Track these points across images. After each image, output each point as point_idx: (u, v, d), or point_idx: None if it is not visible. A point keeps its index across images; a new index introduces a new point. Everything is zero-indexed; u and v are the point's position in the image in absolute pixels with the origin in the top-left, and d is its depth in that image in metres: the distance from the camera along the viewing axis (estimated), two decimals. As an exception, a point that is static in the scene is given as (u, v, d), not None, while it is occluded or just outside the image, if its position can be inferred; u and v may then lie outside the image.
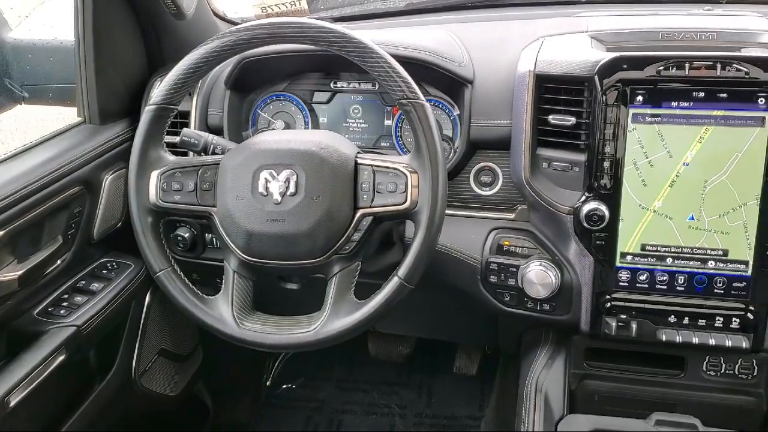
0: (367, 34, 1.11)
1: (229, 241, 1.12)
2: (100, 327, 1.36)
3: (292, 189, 1.07)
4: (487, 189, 1.33)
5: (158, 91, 1.12)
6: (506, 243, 1.29)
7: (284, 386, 2.24)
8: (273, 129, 1.46)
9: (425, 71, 1.29)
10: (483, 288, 1.31)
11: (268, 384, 2.24)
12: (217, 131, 1.42)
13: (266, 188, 1.08)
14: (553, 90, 1.19)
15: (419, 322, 1.79)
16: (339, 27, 1.07)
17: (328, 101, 1.45)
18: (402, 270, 1.08)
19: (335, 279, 1.11)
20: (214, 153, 1.26)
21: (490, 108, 1.29)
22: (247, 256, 1.11)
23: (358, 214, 1.09)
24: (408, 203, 1.07)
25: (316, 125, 1.46)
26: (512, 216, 1.31)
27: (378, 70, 1.06)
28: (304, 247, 1.09)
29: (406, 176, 1.07)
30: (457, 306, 1.58)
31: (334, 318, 1.09)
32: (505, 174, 1.31)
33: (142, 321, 1.57)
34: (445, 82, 1.31)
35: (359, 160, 1.10)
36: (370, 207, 1.09)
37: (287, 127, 1.46)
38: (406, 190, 1.07)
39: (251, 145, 1.12)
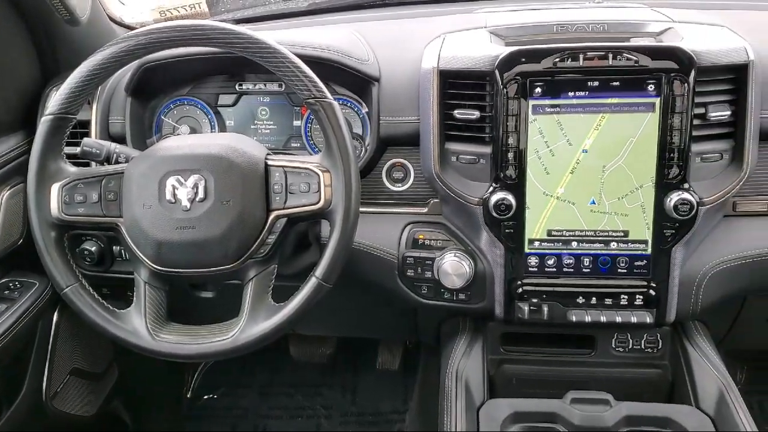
0: (271, 35, 1.10)
1: (138, 252, 1.09)
2: (5, 350, 1.29)
3: (201, 194, 1.05)
4: (400, 185, 1.34)
5: (54, 100, 1.08)
6: (421, 237, 1.31)
7: (205, 397, 2.20)
8: (178, 134, 1.43)
9: (331, 70, 1.29)
10: (401, 282, 1.32)
11: (188, 396, 2.19)
12: (120, 139, 1.38)
13: (174, 195, 1.06)
14: (456, 85, 1.22)
15: (340, 321, 1.79)
16: (241, 28, 1.06)
17: (234, 104, 1.43)
18: (319, 270, 1.08)
19: (251, 284, 1.10)
20: (117, 162, 1.22)
21: (397, 105, 1.30)
22: (158, 266, 1.08)
23: (271, 217, 1.08)
24: (322, 203, 1.07)
25: (222, 129, 1.44)
26: (425, 210, 1.34)
27: (283, 71, 1.06)
28: (217, 253, 1.07)
29: (319, 176, 1.07)
30: (376, 302, 1.60)
31: (252, 323, 1.08)
32: (416, 169, 1.33)
33: (51, 341, 1.50)
34: (352, 80, 1.32)
35: (269, 162, 1.09)
36: (284, 208, 1.08)
37: (193, 131, 1.43)
38: (319, 190, 1.07)
39: (156, 152, 1.09)
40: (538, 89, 1.17)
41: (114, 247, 1.39)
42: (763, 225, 1.27)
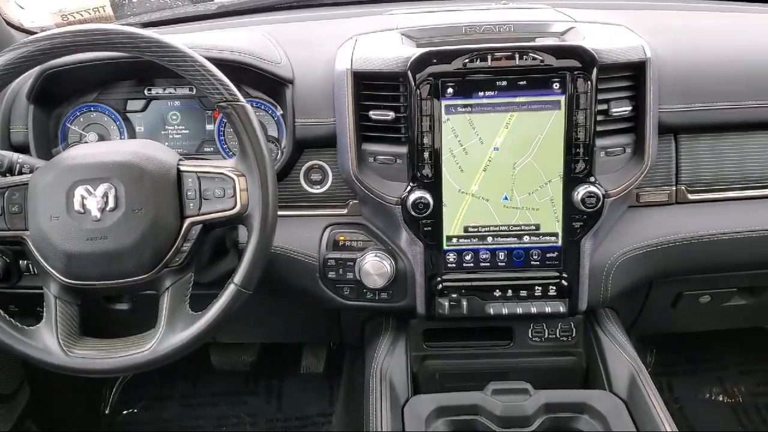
0: (180, 38, 1.08)
1: (46, 266, 1.04)
2: None
3: (111, 204, 1.02)
4: (318, 187, 1.34)
5: None
6: (342, 238, 1.32)
7: (125, 412, 2.13)
8: (86, 142, 1.38)
9: (243, 73, 1.28)
10: (322, 285, 1.32)
11: (107, 412, 2.11)
12: (23, 149, 1.32)
13: (83, 205, 1.02)
14: (371, 86, 1.23)
15: (261, 327, 1.78)
16: (148, 32, 1.04)
17: (144, 109, 1.40)
18: (238, 276, 1.06)
19: (168, 293, 1.07)
20: (21, 173, 1.16)
21: (313, 107, 1.30)
22: (69, 279, 1.04)
23: (186, 224, 1.06)
24: (238, 207, 1.05)
25: (132, 135, 1.39)
26: (345, 211, 1.34)
27: (193, 74, 1.04)
28: (131, 263, 1.04)
29: (234, 180, 1.05)
30: (297, 306, 1.59)
31: (170, 334, 1.06)
32: (334, 171, 1.33)
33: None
34: (265, 82, 1.31)
35: (182, 167, 1.07)
36: (198, 215, 1.06)
37: (101, 139, 1.38)
38: (234, 195, 1.05)
39: (62, 161, 1.05)
40: (450, 89, 1.19)
41: (21, 262, 1.33)
42: (664, 214, 1.34)
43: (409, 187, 1.23)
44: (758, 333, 2.23)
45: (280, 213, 1.11)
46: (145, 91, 1.39)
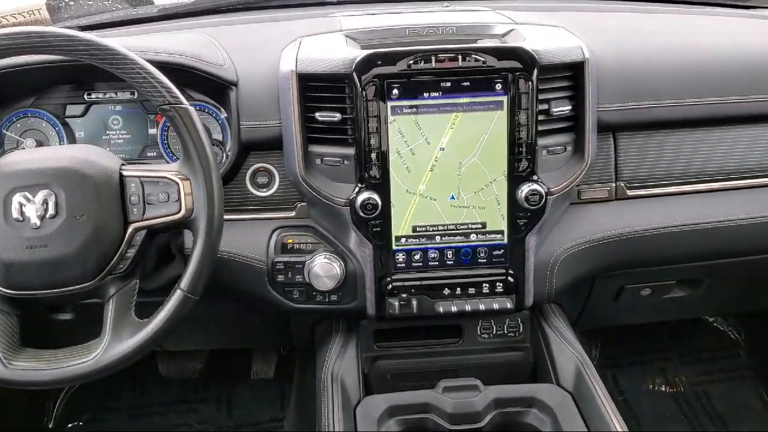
0: (120, 41, 1.06)
1: (-17, 276, 1.01)
2: None
3: (51, 210, 1.00)
4: (265, 190, 1.33)
5: None
6: (290, 241, 1.31)
7: (70, 425, 2.07)
8: (23, 149, 1.34)
9: (186, 75, 1.26)
10: (271, 288, 1.31)
11: (50, 426, 2.05)
12: (-45, 156, 1.27)
13: (21, 213, 0.99)
14: (316, 88, 1.23)
15: (209, 333, 1.75)
16: (86, 34, 1.01)
17: (84, 114, 1.36)
18: (184, 282, 1.05)
19: (112, 301, 1.05)
20: (-47, 181, 1.12)
21: (258, 109, 1.29)
22: (8, 289, 1.01)
23: (129, 229, 1.04)
24: (183, 212, 1.04)
25: (72, 141, 1.36)
26: (293, 214, 1.33)
27: (134, 77, 1.02)
28: (73, 271, 1.02)
29: (178, 184, 1.04)
30: (246, 311, 1.58)
31: (116, 342, 1.03)
32: (281, 173, 1.32)
33: None
34: (208, 85, 1.30)
35: (124, 172, 1.05)
36: (142, 220, 1.04)
37: (39, 145, 1.34)
38: (179, 199, 1.04)
39: (-1, 168, 1.02)
40: (396, 91, 1.20)
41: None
42: (605, 210, 1.38)
43: (357, 189, 1.24)
44: (697, 324, 2.31)
45: (226, 217, 1.10)
46: (85, 96, 1.36)
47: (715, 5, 1.76)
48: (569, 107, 1.26)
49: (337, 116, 1.22)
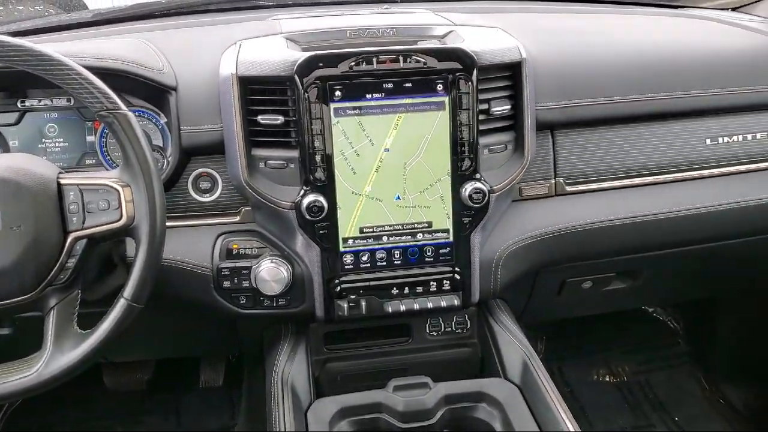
0: (54, 47, 1.04)
1: None
2: None
3: (-14, 222, 0.96)
4: (208, 195, 1.32)
5: None
6: (235, 246, 1.30)
7: (12, 443, 2.00)
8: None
9: (123, 81, 1.23)
10: (217, 295, 1.30)
11: (-10, 445, 1.98)
12: None
13: (-46, 225, 0.96)
14: (258, 91, 1.22)
15: (155, 343, 1.72)
16: (18, 40, 0.99)
17: (17, 122, 1.32)
18: (128, 290, 1.03)
19: (53, 313, 1.02)
20: None
21: (198, 114, 1.27)
22: (-59, 305, 0.97)
23: (69, 239, 1.01)
24: (124, 219, 1.02)
25: (6, 150, 1.31)
26: (237, 219, 1.32)
27: (70, 83, 1.00)
28: (11, 284, 0.99)
29: (118, 191, 1.02)
30: (192, 319, 1.55)
31: (58, 354, 1.01)
32: (224, 178, 1.31)
33: None
34: (147, 90, 1.27)
35: (62, 181, 1.02)
36: (82, 229, 1.02)
37: (-30, 155, 1.30)
38: (119, 206, 1.02)
39: (-72, 179, 0.98)
40: (338, 92, 1.20)
41: None
42: (545, 206, 1.41)
43: (302, 191, 1.23)
44: (637, 314, 2.39)
45: (169, 224, 1.09)
46: (18, 104, 1.31)
47: (646, 5, 1.83)
48: (508, 106, 1.29)
49: (280, 119, 1.22)
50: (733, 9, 1.88)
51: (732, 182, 1.49)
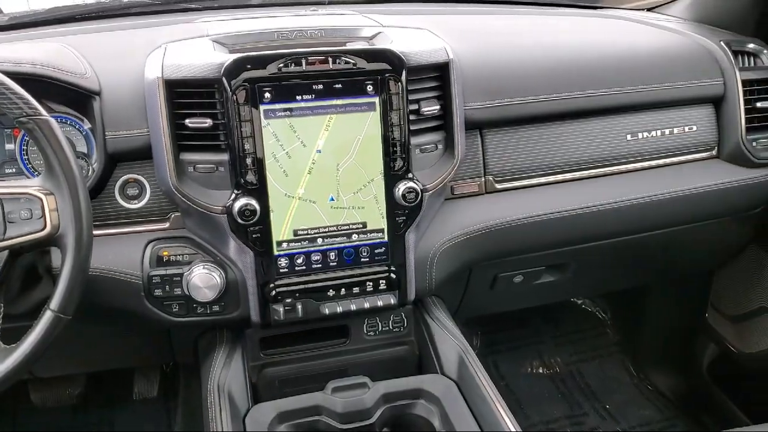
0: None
1: None
2: None
3: None
4: (136, 201, 1.28)
5: None
6: (166, 253, 1.27)
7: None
8: None
9: (44, 87, 1.19)
10: (149, 304, 1.27)
11: None
12: None
13: None
14: (185, 94, 1.20)
15: (85, 356, 1.66)
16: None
17: (-71, 131, 1.26)
18: (54, 302, 1.00)
19: (-27, 328, 0.98)
20: None
21: (124, 118, 1.24)
22: None
23: (-10, 251, 0.97)
24: (48, 229, 0.99)
25: None
26: (167, 225, 1.30)
27: (-14, 90, 0.96)
28: None
29: (41, 200, 0.98)
30: (124, 329, 1.51)
31: (-19, 371, 0.97)
32: (152, 184, 1.28)
33: None
34: (70, 95, 1.23)
35: (-20, 190, 0.98)
36: (3, 240, 0.98)
37: None
38: (43, 215, 0.98)
39: None
40: (268, 94, 1.19)
41: None
42: (477, 204, 1.44)
43: (233, 195, 1.22)
44: (567, 306, 2.46)
45: (95, 232, 1.05)
46: None
47: (567, 6, 1.89)
48: (438, 107, 1.31)
49: (208, 122, 1.20)
50: (649, 9, 1.97)
51: (651, 176, 1.56)
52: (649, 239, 1.63)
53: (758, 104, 1.59)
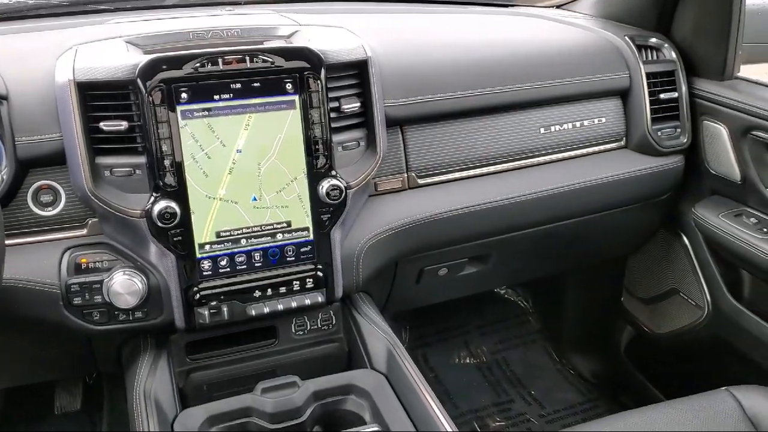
0: None
1: None
2: None
3: None
4: (51, 209, 1.24)
5: None
6: (84, 260, 1.24)
7: None
8: None
9: (-56, 92, 1.14)
10: (68, 313, 1.23)
11: None
12: None
13: None
14: (98, 97, 1.17)
15: (2, 370, 1.59)
16: None
17: None
18: (-35, 315, 0.95)
19: None
20: None
21: (34, 123, 1.20)
22: None
23: None
24: (-45, 239, 0.95)
25: None
26: (85, 231, 1.26)
27: None
28: None
29: (-53, 209, 0.94)
30: (42, 341, 1.46)
31: None
32: (67, 190, 1.24)
33: None
34: (-27, 101, 1.18)
35: None
36: None
37: None
38: (-51, 226, 0.94)
39: None
40: (184, 95, 1.18)
41: None
42: (400, 199, 1.46)
43: (152, 198, 1.20)
44: (491, 296, 2.53)
45: (8, 242, 1.02)
46: None
47: (480, 5, 1.94)
48: (358, 104, 1.32)
49: (124, 125, 1.17)
50: (558, 7, 2.04)
51: (565, 167, 1.62)
52: (565, 228, 1.70)
53: (662, 96, 1.68)
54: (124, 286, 1.22)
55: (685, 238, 1.82)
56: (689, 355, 1.96)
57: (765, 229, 1.57)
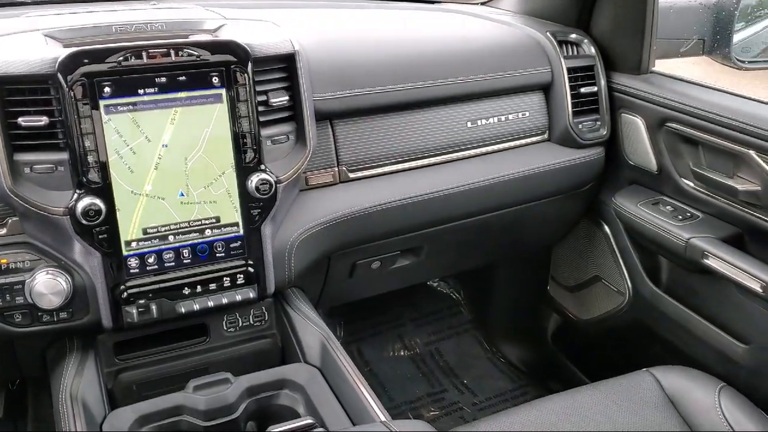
0: None
1: None
2: None
3: None
4: (-34, 208, 1.20)
5: None
6: (4, 261, 1.19)
7: None
8: None
9: None
10: None
11: None
12: None
13: None
14: (16, 91, 1.13)
15: None
16: None
17: None
18: None
19: None
20: None
21: None
22: None
23: None
24: None
25: None
26: (4, 231, 1.22)
27: None
28: None
29: None
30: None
31: None
32: (-17, 188, 1.20)
33: None
34: None
35: None
36: None
37: None
38: None
39: None
40: (108, 89, 1.15)
41: None
42: (331, 193, 1.47)
43: (75, 195, 1.17)
44: (423, 289, 2.56)
45: None
46: None
47: (410, 0, 1.97)
48: (287, 98, 1.32)
49: (44, 120, 1.14)
50: (482, 3, 2.09)
51: (492, 159, 1.67)
52: (493, 219, 1.74)
53: (582, 90, 1.74)
54: (47, 286, 1.18)
55: (606, 227, 1.89)
56: (613, 339, 2.04)
57: (680, 217, 1.64)
